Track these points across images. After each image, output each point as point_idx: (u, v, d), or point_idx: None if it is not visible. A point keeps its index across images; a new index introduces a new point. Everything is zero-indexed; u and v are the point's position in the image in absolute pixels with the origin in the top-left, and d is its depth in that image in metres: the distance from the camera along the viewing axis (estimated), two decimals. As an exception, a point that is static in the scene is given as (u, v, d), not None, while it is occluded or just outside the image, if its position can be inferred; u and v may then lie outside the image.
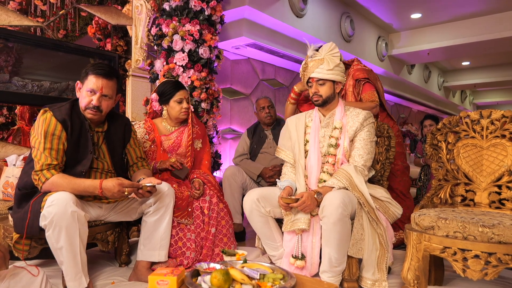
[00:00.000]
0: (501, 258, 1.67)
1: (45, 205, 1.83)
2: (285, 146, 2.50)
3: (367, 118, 2.33)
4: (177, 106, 2.63)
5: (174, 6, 3.57)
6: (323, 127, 2.40)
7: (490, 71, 10.93)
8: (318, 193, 2.17)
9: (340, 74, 2.32)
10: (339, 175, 2.20)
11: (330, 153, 2.32)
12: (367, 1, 6.31)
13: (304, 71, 2.36)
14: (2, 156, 3.05)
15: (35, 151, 1.96)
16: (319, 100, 2.34)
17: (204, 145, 2.80)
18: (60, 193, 1.86)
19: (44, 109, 2.01)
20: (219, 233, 2.51)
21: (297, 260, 2.18)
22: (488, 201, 2.15)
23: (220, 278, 1.44)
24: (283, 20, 4.87)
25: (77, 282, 1.90)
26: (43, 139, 1.95)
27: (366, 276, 2.14)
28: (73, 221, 1.83)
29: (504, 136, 2.17)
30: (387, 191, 2.36)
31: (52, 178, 1.92)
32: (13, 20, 3.40)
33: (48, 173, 1.92)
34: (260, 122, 3.68)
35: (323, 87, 2.32)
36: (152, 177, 2.18)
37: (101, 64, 2.08)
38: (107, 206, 2.21)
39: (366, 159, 2.28)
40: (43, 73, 3.43)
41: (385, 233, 2.12)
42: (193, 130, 2.73)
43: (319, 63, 2.28)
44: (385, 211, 2.22)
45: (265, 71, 6.00)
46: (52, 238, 1.83)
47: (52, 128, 1.97)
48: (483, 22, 6.79)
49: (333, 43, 2.33)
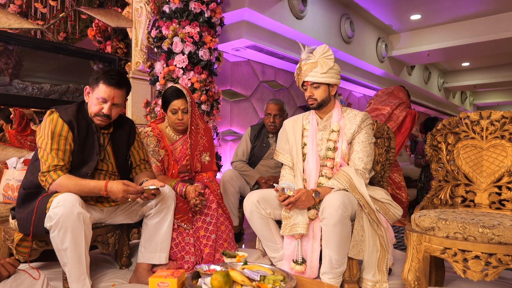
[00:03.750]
0: (501, 259, 1.67)
1: (51, 206, 1.84)
2: (283, 149, 2.50)
3: (364, 120, 2.32)
4: (172, 116, 2.53)
5: (174, 9, 3.57)
6: (320, 130, 2.39)
7: (490, 72, 10.94)
8: (317, 192, 2.16)
9: (334, 77, 2.29)
10: (339, 176, 2.20)
11: (328, 156, 2.31)
12: (366, 3, 6.32)
13: (298, 75, 2.34)
14: (2, 159, 3.05)
15: (41, 151, 1.97)
16: (314, 104, 2.33)
17: (211, 157, 2.71)
18: (66, 194, 1.87)
19: (51, 110, 2.03)
20: (219, 238, 2.50)
21: (296, 265, 2.18)
22: (488, 202, 2.15)
23: (220, 280, 1.44)
24: (283, 22, 4.87)
25: (80, 284, 1.90)
26: (50, 139, 1.96)
27: (366, 277, 2.13)
28: (79, 223, 1.83)
29: (504, 137, 2.17)
30: (387, 192, 2.36)
31: (59, 179, 1.93)
32: (13, 23, 3.41)
33: (55, 174, 1.93)
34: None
35: (317, 90, 2.30)
36: (155, 179, 2.18)
37: (113, 73, 2.09)
38: (108, 210, 2.21)
39: (366, 162, 2.27)
40: (43, 76, 3.45)
41: (385, 235, 2.12)
42: (200, 141, 2.64)
43: (313, 67, 2.27)
44: (385, 213, 2.22)
45: (265, 73, 6.01)
46: (57, 239, 1.83)
47: (59, 129, 1.98)
48: (483, 23, 6.80)
49: (326, 45, 2.30)
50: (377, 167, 2.58)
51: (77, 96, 3.52)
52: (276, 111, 3.33)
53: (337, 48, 6.16)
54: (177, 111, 2.51)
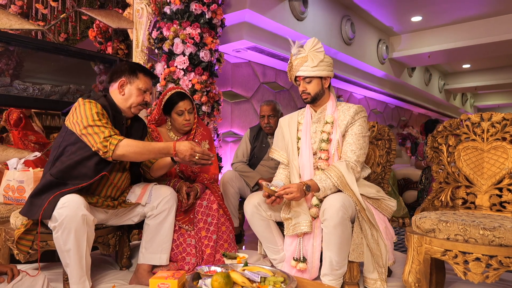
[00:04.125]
0: (502, 261, 1.66)
1: (56, 206, 1.84)
2: (278, 146, 2.49)
3: (358, 112, 2.28)
4: (179, 118, 2.58)
5: (175, 10, 3.58)
6: (314, 122, 2.37)
7: (490, 74, 10.94)
8: (307, 186, 2.11)
9: (326, 69, 2.27)
10: (330, 172, 2.15)
11: (322, 148, 2.28)
12: (367, 4, 6.32)
13: (290, 70, 2.33)
14: (3, 160, 3.05)
15: (90, 129, 1.96)
16: (308, 98, 2.32)
17: (211, 145, 2.74)
18: (72, 195, 1.87)
19: (82, 99, 2.07)
20: (220, 239, 2.50)
21: (299, 263, 2.17)
22: (489, 204, 2.14)
23: (221, 281, 1.44)
24: (284, 23, 4.87)
25: (81, 285, 1.91)
26: (97, 117, 1.99)
27: (367, 276, 2.14)
28: (82, 225, 1.84)
29: (504, 138, 2.17)
30: (380, 189, 2.32)
31: (124, 140, 1.96)
32: (14, 23, 3.41)
33: (115, 139, 1.96)
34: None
35: (310, 85, 2.29)
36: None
37: (142, 65, 2.30)
38: (112, 212, 2.22)
39: (358, 155, 2.22)
40: (44, 77, 3.45)
41: (381, 232, 2.12)
42: (197, 131, 2.68)
43: (304, 61, 2.25)
44: (378, 206, 2.21)
45: (266, 74, 6.01)
46: (60, 240, 1.84)
47: (100, 109, 2.03)
48: (484, 25, 6.80)
49: (315, 38, 2.28)
50: (378, 169, 2.58)
51: (77, 97, 3.52)
52: (269, 112, 3.37)
53: (338, 49, 6.16)
54: (183, 112, 2.56)
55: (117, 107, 2.18)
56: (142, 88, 2.18)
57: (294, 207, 2.22)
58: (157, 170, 2.34)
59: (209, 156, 2.08)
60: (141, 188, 2.29)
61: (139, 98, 2.19)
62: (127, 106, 2.19)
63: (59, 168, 1.99)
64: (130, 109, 2.20)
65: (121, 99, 2.18)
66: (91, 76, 3.94)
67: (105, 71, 3.93)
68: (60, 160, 2.02)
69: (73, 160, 1.99)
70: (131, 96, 2.17)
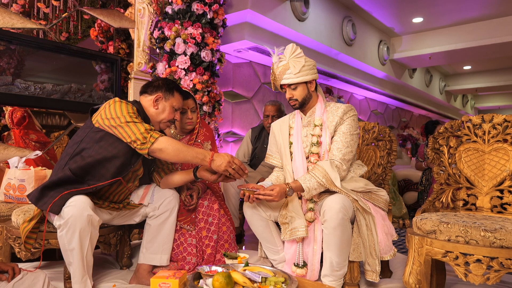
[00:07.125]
0: (503, 262, 1.66)
1: (64, 204, 1.84)
2: (272, 151, 2.50)
3: (346, 112, 2.27)
4: (181, 116, 2.58)
5: (176, 10, 3.58)
6: (304, 126, 2.37)
7: (491, 76, 10.94)
8: (290, 188, 2.12)
9: (309, 73, 2.25)
10: (314, 171, 2.14)
11: (312, 152, 2.28)
12: (369, 5, 6.32)
13: (274, 80, 2.31)
14: (4, 158, 3.05)
15: (130, 126, 1.98)
16: (296, 104, 2.31)
17: (213, 146, 2.74)
18: (79, 196, 1.87)
19: (114, 99, 2.09)
20: (220, 239, 2.50)
21: (297, 269, 2.18)
22: (490, 206, 2.14)
23: (222, 281, 1.44)
24: (285, 23, 4.88)
25: (82, 285, 1.92)
26: (134, 115, 2.02)
27: (366, 268, 2.15)
28: (87, 225, 1.85)
29: (506, 140, 2.17)
30: (368, 182, 2.31)
31: (164, 136, 1.99)
32: (16, 22, 3.41)
33: (156, 133, 1.99)
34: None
35: (296, 91, 2.28)
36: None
37: (177, 84, 2.37)
38: (117, 213, 2.22)
39: (344, 153, 2.20)
40: (45, 76, 3.45)
41: (374, 222, 2.13)
42: (200, 132, 2.68)
43: (286, 69, 2.23)
44: (370, 198, 2.22)
45: (267, 75, 6.01)
46: (64, 239, 1.84)
47: (136, 111, 2.08)
48: (485, 27, 6.80)
49: (294, 44, 2.25)
50: (379, 170, 2.58)
51: (79, 96, 3.52)
52: (274, 112, 3.39)
53: (339, 50, 6.16)
54: (186, 111, 2.56)
55: (146, 116, 2.20)
56: (175, 106, 2.23)
57: (290, 212, 2.23)
58: (171, 182, 2.33)
59: (243, 171, 2.09)
60: (143, 188, 2.30)
61: (170, 115, 2.23)
62: (157, 120, 2.22)
63: (79, 164, 1.97)
64: (159, 123, 2.23)
65: (154, 112, 2.20)
66: (93, 76, 3.94)
67: (106, 71, 3.93)
68: (80, 155, 2.01)
69: (94, 158, 1.99)
70: (164, 111, 2.21)
